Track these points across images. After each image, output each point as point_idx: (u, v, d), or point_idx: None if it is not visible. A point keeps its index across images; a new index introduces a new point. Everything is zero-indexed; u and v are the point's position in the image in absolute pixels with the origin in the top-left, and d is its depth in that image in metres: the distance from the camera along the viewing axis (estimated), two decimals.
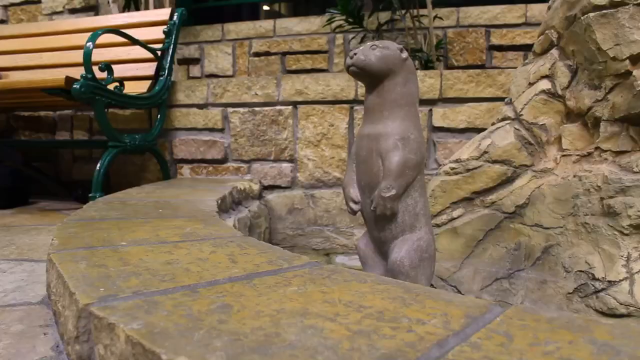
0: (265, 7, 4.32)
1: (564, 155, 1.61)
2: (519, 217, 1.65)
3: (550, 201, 1.58)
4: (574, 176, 1.54)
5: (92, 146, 2.88)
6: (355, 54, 1.32)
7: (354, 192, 1.40)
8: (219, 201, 1.77)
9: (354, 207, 1.40)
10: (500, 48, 3.13)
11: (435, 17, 2.99)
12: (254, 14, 4.19)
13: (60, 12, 3.85)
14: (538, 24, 2.96)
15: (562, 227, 1.55)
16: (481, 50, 3.16)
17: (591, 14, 1.46)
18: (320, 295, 0.72)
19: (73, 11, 3.82)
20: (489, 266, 1.67)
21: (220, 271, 0.85)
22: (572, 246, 1.51)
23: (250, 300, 0.70)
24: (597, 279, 1.41)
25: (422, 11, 2.98)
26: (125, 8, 3.40)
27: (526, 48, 3.04)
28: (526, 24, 3.08)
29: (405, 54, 1.34)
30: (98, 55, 2.38)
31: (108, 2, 3.33)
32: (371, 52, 1.31)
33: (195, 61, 3.76)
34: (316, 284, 0.77)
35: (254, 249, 1.01)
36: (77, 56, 2.05)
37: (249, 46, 3.61)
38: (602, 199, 1.44)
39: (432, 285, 1.70)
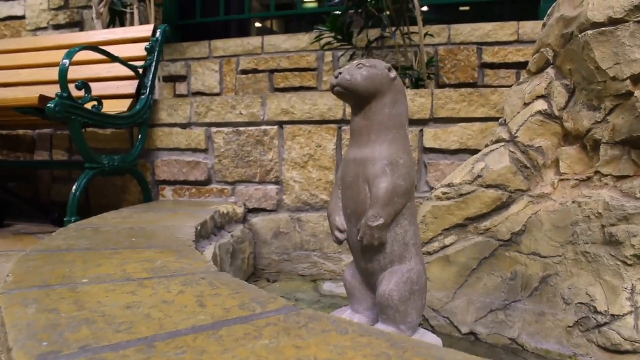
0: (257, 24, 4.26)
1: (562, 180, 1.54)
2: (515, 245, 1.56)
3: (548, 228, 1.50)
4: (573, 202, 1.45)
5: (69, 167, 2.78)
6: (340, 73, 1.24)
7: (340, 221, 1.31)
8: (199, 227, 1.67)
9: (340, 236, 1.31)
10: (493, 66, 3.08)
11: (426, 34, 2.94)
12: (244, 31, 4.12)
13: (45, 28, 3.79)
14: (530, 42, 2.93)
15: (561, 256, 1.46)
16: (473, 68, 3.11)
17: (589, 32, 1.39)
18: (293, 352, 0.62)
19: (57, 27, 3.75)
20: (483, 297, 1.58)
21: (184, 318, 0.75)
22: (572, 276, 1.42)
23: (213, 359, 0.60)
24: (600, 313, 1.33)
25: (413, 28, 2.92)
26: (111, 24, 3.33)
27: (519, 66, 2.99)
28: (518, 41, 3.03)
29: (393, 74, 1.26)
30: (77, 72, 2.30)
31: (93, 18, 3.26)
32: (357, 71, 1.23)
33: (182, 79, 3.68)
34: (291, 335, 0.68)
35: (227, 288, 0.92)
36: (56, 74, 1.95)
37: (236, 63, 3.54)
38: (603, 226, 1.36)
39: (423, 317, 1.61)
